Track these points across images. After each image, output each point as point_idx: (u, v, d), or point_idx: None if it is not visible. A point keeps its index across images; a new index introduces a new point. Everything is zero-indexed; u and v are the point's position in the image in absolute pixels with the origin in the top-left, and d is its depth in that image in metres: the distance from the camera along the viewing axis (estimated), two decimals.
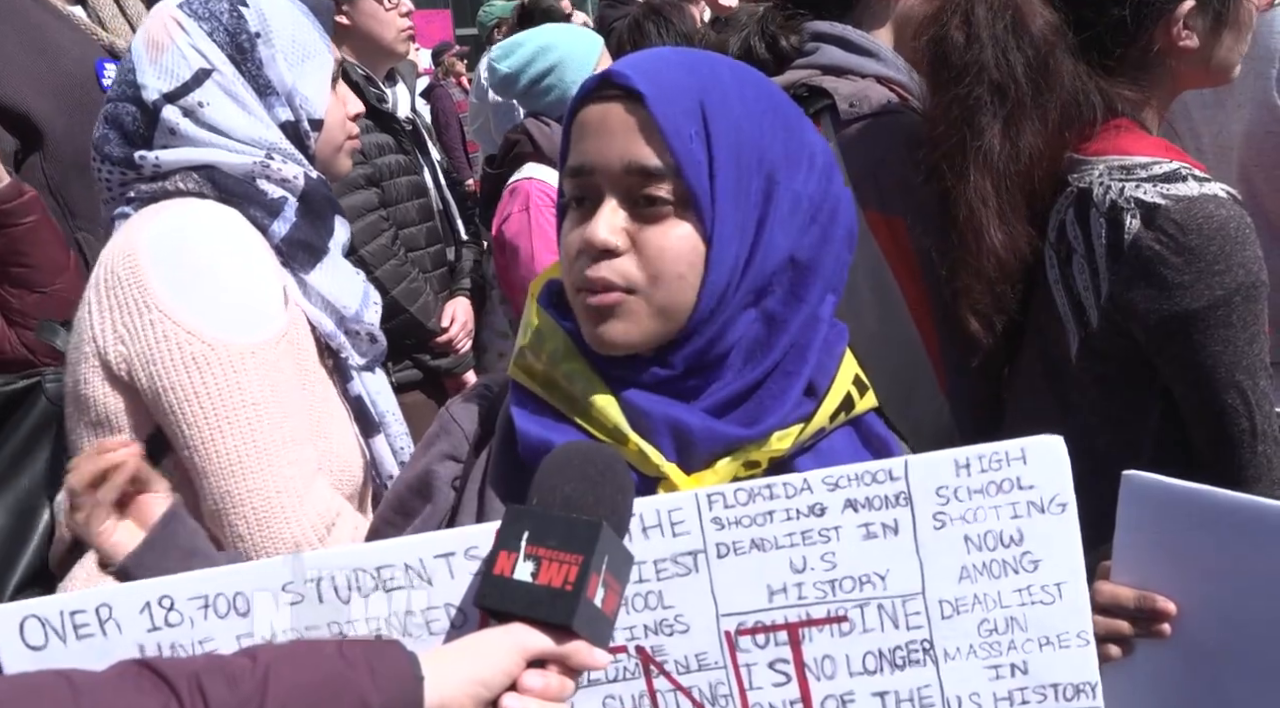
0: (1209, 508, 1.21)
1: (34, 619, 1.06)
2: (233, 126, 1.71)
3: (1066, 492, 1.10)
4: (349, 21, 3.37)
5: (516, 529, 1.02)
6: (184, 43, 1.70)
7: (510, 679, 1.00)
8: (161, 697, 0.91)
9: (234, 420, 1.57)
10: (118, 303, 1.60)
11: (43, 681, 0.94)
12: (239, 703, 0.92)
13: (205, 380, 1.57)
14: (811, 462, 1.24)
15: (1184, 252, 1.58)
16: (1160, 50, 1.71)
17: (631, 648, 1.12)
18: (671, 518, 1.10)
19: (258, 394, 1.59)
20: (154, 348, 1.57)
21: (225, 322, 1.60)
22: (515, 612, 1.01)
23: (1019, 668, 1.13)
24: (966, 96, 1.68)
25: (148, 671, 0.94)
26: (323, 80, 1.80)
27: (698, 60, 1.22)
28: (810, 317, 1.21)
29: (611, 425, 1.18)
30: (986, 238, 1.67)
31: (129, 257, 1.61)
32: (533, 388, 1.23)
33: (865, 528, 1.10)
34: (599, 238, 1.15)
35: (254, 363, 1.59)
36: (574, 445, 1.12)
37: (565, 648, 1.00)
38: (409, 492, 1.30)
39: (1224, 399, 1.60)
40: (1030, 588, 1.12)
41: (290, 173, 1.75)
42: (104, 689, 0.92)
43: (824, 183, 1.22)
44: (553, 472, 1.06)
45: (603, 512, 1.03)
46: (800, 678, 1.12)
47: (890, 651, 1.12)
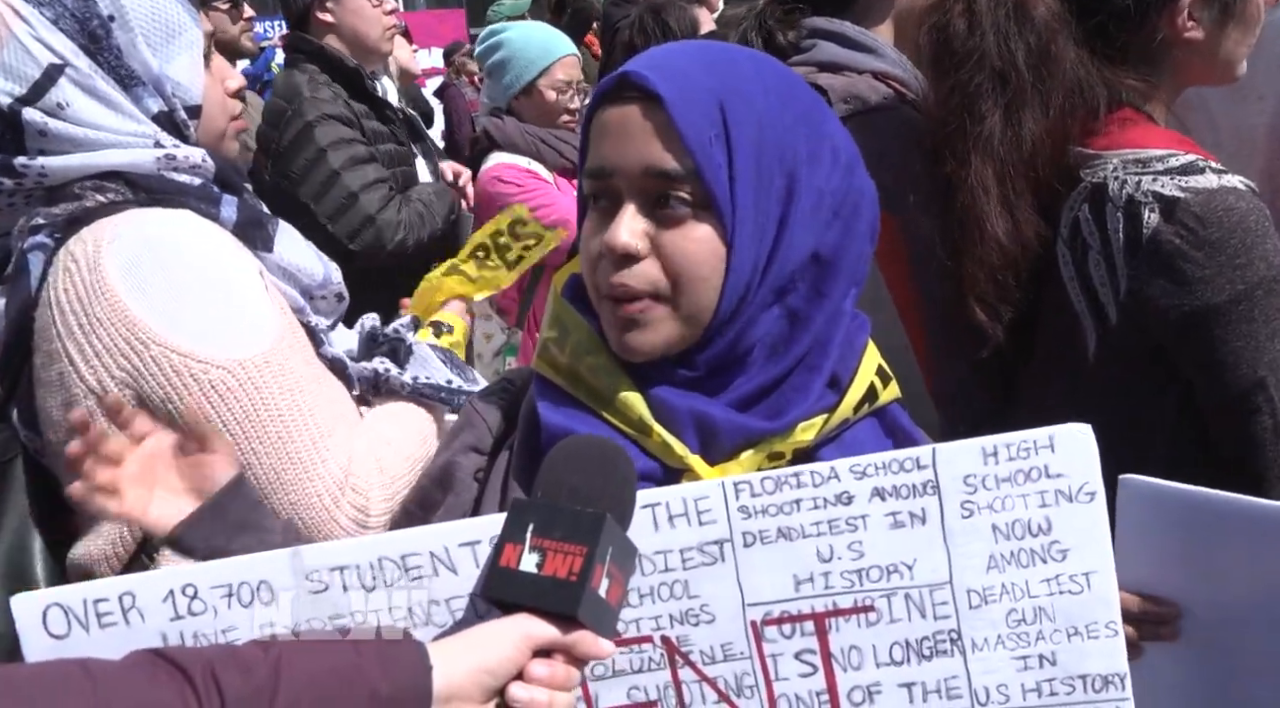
0: (1206, 510, 1.22)
1: (57, 608, 1.06)
2: (100, 126, 1.53)
3: (1095, 481, 1.10)
4: (333, 18, 3.40)
5: (522, 521, 1.02)
6: (25, 35, 1.50)
7: (517, 669, 1.00)
8: (176, 686, 0.91)
9: (265, 439, 1.51)
10: (105, 346, 1.47)
11: (61, 670, 0.94)
12: (253, 692, 0.92)
13: (230, 406, 1.49)
14: (835, 453, 1.22)
15: (1204, 245, 1.57)
16: (1165, 41, 1.70)
17: (657, 638, 1.11)
18: (698, 507, 1.09)
19: (281, 404, 1.52)
20: (167, 384, 1.47)
21: (231, 338, 1.50)
22: (521, 602, 1.01)
23: (1047, 659, 1.12)
24: (968, 83, 1.68)
25: (162, 660, 0.94)
26: (194, 61, 1.61)
27: (717, 57, 1.21)
28: (834, 312, 1.20)
29: (636, 417, 1.18)
30: (988, 225, 1.67)
31: (105, 294, 1.46)
32: (557, 381, 1.22)
33: (893, 517, 1.10)
34: (619, 242, 1.14)
35: (270, 372, 1.52)
36: (578, 439, 1.12)
37: (571, 638, 1.01)
38: (431, 484, 1.30)
39: (1246, 396, 1.59)
40: (1059, 578, 1.11)
41: (196, 156, 1.59)
42: (120, 679, 0.92)
43: (846, 177, 1.21)
44: (557, 465, 1.06)
45: (606, 504, 1.03)
46: (826, 669, 1.11)
47: (917, 641, 1.11)
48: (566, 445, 1.09)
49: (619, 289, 1.15)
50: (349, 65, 3.32)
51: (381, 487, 1.61)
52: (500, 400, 1.32)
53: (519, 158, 3.55)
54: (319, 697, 0.94)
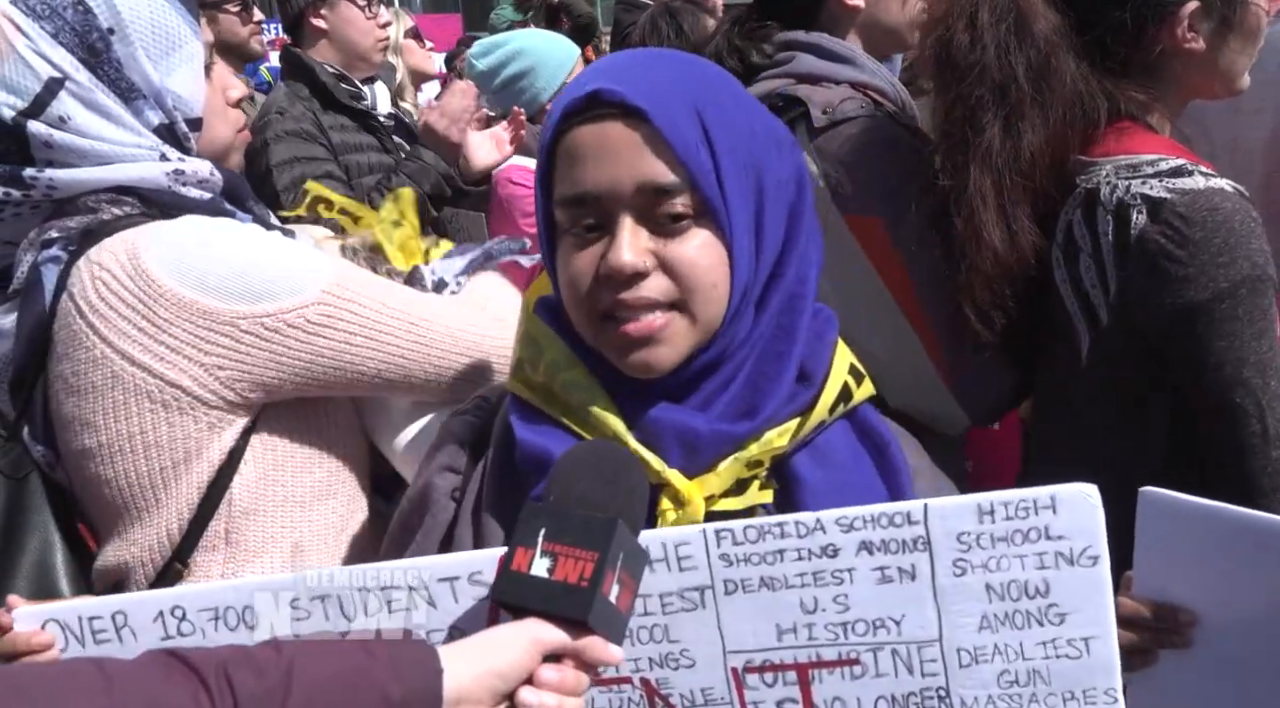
0: (1224, 525, 1.23)
1: (54, 623, 1.10)
2: (104, 138, 1.53)
3: (1099, 544, 1.04)
4: (325, 25, 3.40)
5: (534, 526, 1.02)
6: (25, 48, 1.49)
7: (526, 673, 1.00)
8: (190, 686, 0.93)
9: (388, 327, 1.57)
10: (184, 341, 1.48)
11: (75, 667, 0.98)
12: (265, 692, 0.94)
13: (342, 327, 1.54)
14: (809, 459, 1.21)
15: (1188, 244, 1.57)
16: (1165, 53, 1.69)
17: (636, 680, 1.10)
18: (679, 552, 1.07)
19: (379, 296, 1.59)
20: (273, 346, 1.50)
21: (304, 278, 1.52)
22: (532, 607, 1.01)
23: None
24: (969, 96, 1.70)
25: (176, 660, 0.96)
26: (194, 73, 1.60)
27: (676, 61, 1.19)
28: (790, 294, 1.19)
29: (611, 434, 1.16)
30: (985, 235, 1.68)
31: (163, 296, 1.47)
32: (532, 400, 1.21)
33: (881, 571, 1.06)
34: (626, 262, 1.10)
35: (352, 282, 1.56)
36: (590, 444, 1.11)
37: (581, 643, 1.01)
38: (410, 507, 1.30)
39: (1232, 398, 1.57)
40: (1056, 641, 1.06)
41: (203, 170, 1.60)
42: (134, 677, 0.95)
43: (791, 159, 1.20)
44: (569, 470, 1.06)
45: (617, 510, 1.03)
46: None
47: (904, 697, 1.08)
48: (579, 451, 1.09)
49: (634, 303, 1.12)
50: (320, 79, 3.32)
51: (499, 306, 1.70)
52: (475, 418, 1.31)
53: (532, 161, 3.48)
54: (331, 699, 0.96)
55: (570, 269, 1.15)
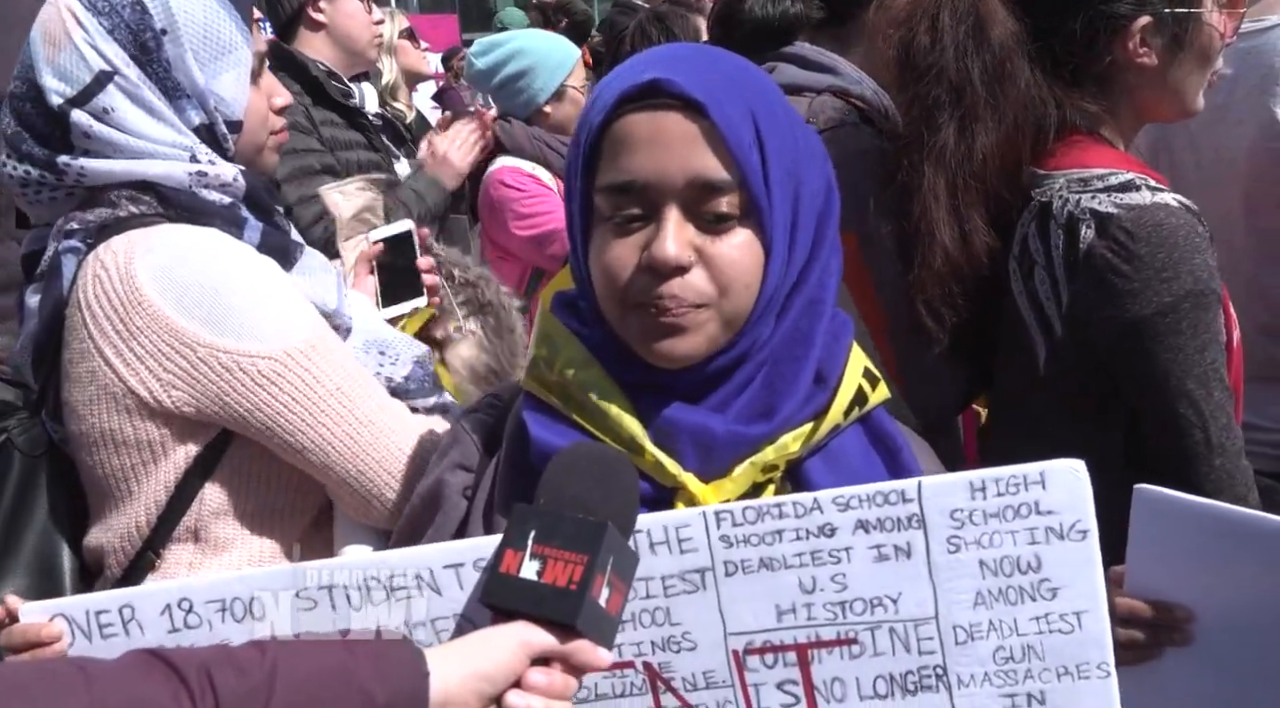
0: (1217, 522, 1.24)
1: (61, 618, 1.11)
2: (143, 133, 1.59)
3: (1088, 518, 1.07)
4: (325, 19, 3.40)
5: (524, 528, 1.03)
6: (82, 41, 1.56)
7: (514, 676, 1.01)
8: (171, 687, 0.94)
9: (330, 412, 1.57)
10: (148, 351, 1.53)
11: (57, 667, 0.99)
12: (247, 693, 0.95)
13: (285, 390, 1.55)
14: (822, 464, 1.22)
15: (1133, 259, 1.60)
16: (1116, 64, 1.73)
17: (639, 664, 1.12)
18: (679, 535, 1.09)
19: (337, 379, 1.58)
20: (220, 382, 1.53)
21: (273, 330, 1.56)
22: (520, 610, 1.02)
23: (1036, 698, 1.09)
24: (926, 96, 1.74)
25: (158, 660, 0.97)
26: (240, 78, 1.66)
27: (733, 61, 1.21)
28: (810, 299, 1.21)
29: (628, 436, 1.17)
30: (937, 233, 1.72)
31: (142, 304, 1.53)
32: (548, 399, 1.22)
33: (877, 550, 1.08)
34: (670, 255, 1.11)
35: (318, 354, 1.58)
36: (581, 446, 1.12)
37: (569, 647, 1.01)
38: (421, 504, 1.31)
39: (1175, 409, 1.61)
40: (1049, 616, 1.08)
41: (227, 174, 1.64)
42: (115, 678, 0.96)
43: (823, 170, 1.22)
44: (560, 472, 1.07)
45: (608, 512, 1.03)
46: (809, 700, 1.11)
47: (902, 675, 1.10)
48: (570, 453, 1.09)
49: (671, 300, 1.13)
50: (311, 74, 3.31)
51: None
52: (488, 416, 1.33)
53: (524, 162, 3.54)
54: (314, 700, 0.96)
55: (607, 256, 1.15)
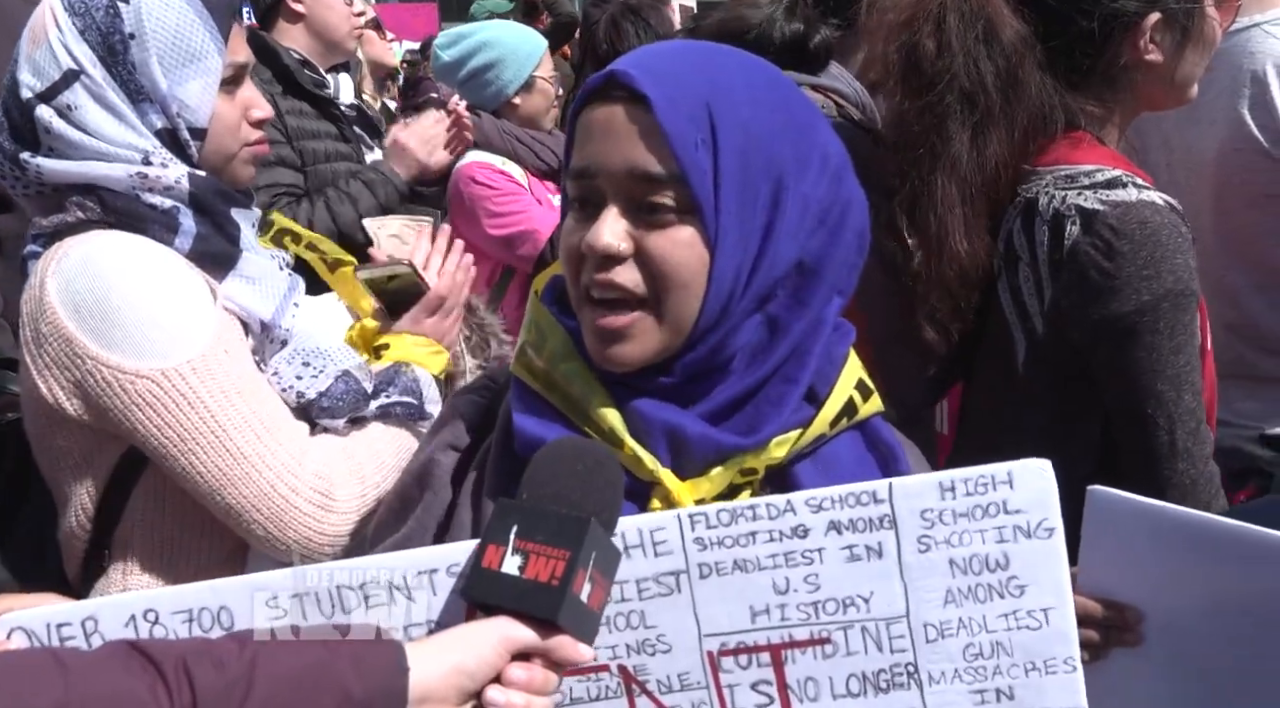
0: (1169, 524, 1.26)
1: (20, 632, 1.07)
2: (102, 133, 1.62)
3: (1054, 517, 1.09)
4: (304, 9, 3.38)
5: (506, 523, 1.02)
6: (55, 39, 1.61)
7: (494, 672, 1.00)
8: (148, 678, 0.93)
9: (202, 441, 1.56)
10: (51, 360, 1.57)
11: (32, 659, 0.97)
12: (225, 686, 0.94)
13: (160, 413, 1.55)
14: (812, 469, 1.22)
15: (1116, 256, 1.61)
16: (1126, 64, 1.72)
17: (614, 667, 1.12)
18: (654, 538, 1.10)
19: (213, 405, 1.57)
20: (103, 395, 1.55)
21: (154, 349, 1.56)
22: (501, 605, 1.02)
23: (1005, 694, 1.11)
24: (937, 104, 1.70)
25: (136, 652, 0.95)
26: (207, 86, 1.68)
27: (707, 59, 1.20)
28: (814, 321, 1.20)
29: (608, 428, 1.18)
30: (950, 245, 1.70)
31: (46, 311, 1.58)
32: (534, 386, 1.22)
33: (849, 550, 1.10)
34: (601, 242, 1.13)
35: (198, 377, 1.57)
36: (565, 441, 1.12)
37: (550, 642, 1.01)
38: (410, 479, 1.30)
39: (1144, 409, 1.61)
40: (1016, 613, 1.11)
41: (172, 177, 1.64)
42: (92, 669, 0.94)
43: (834, 185, 1.20)
44: (544, 466, 1.06)
45: (592, 508, 1.03)
46: (783, 700, 1.12)
47: (874, 674, 1.12)
48: (553, 448, 1.09)
49: (604, 286, 1.14)
50: (284, 62, 3.29)
51: (349, 472, 1.64)
52: (481, 398, 1.32)
53: (494, 157, 3.51)
54: (292, 695, 0.95)
55: (564, 241, 1.19)
